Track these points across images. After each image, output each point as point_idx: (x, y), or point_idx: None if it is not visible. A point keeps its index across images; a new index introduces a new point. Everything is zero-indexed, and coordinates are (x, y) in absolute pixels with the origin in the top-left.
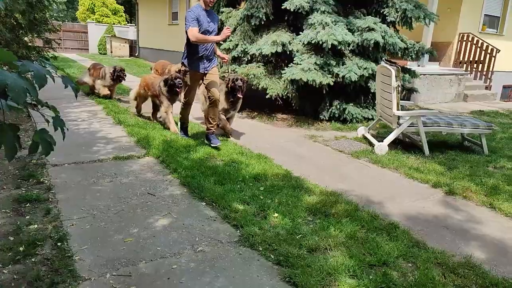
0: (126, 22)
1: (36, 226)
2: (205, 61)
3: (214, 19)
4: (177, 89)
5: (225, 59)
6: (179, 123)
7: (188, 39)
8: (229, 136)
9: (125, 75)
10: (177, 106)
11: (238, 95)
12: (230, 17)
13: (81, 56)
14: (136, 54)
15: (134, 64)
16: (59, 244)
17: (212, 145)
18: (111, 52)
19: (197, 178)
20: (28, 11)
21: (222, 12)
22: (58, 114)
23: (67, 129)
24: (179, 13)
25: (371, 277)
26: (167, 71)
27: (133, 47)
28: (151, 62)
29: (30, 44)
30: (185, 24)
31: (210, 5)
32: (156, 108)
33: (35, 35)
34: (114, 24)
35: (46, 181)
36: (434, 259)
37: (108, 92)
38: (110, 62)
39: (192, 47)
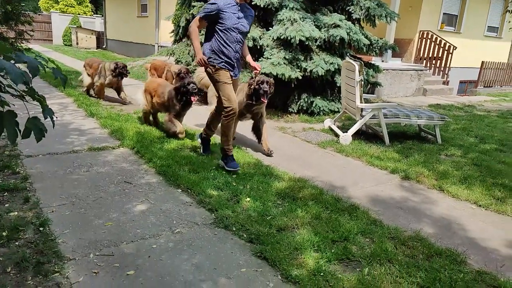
0: (92, 13)
1: (16, 213)
2: (235, 66)
3: (247, 15)
4: (191, 98)
5: (257, 69)
6: (197, 135)
7: (208, 34)
8: (270, 152)
9: (128, 72)
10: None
11: (262, 99)
12: None
13: (45, 47)
14: (104, 46)
15: (102, 57)
16: (41, 229)
17: (227, 168)
18: (77, 43)
19: (172, 167)
20: (4, 3)
21: (194, 6)
22: (46, 104)
23: (56, 117)
24: (149, 5)
25: (333, 250)
26: (166, 72)
27: (101, 38)
28: (119, 54)
29: (4, 35)
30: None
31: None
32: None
33: (7, 26)
34: (79, 14)
35: (22, 171)
36: (388, 234)
37: (103, 96)
38: (76, 54)
39: (222, 47)
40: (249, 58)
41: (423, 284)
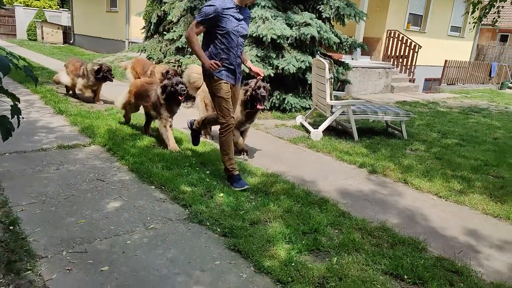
0: (58, 7)
1: None
2: (236, 71)
3: (246, 16)
4: (179, 98)
5: (260, 74)
6: (188, 121)
7: (206, 39)
8: (244, 153)
9: (113, 76)
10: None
11: (258, 106)
12: (173, 8)
13: (8, 41)
14: (71, 41)
15: (69, 52)
16: (11, 227)
17: (233, 188)
18: (42, 38)
19: (145, 164)
20: None
21: (165, 3)
22: (16, 102)
23: (22, 117)
24: (118, 0)
25: (304, 241)
26: (150, 73)
27: (68, 33)
28: (87, 50)
29: None
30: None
31: (248, 2)
32: (149, 119)
33: None
34: (44, 8)
35: None
36: (356, 225)
37: (91, 95)
38: (42, 49)
39: (222, 53)
40: (249, 63)
41: (387, 270)
